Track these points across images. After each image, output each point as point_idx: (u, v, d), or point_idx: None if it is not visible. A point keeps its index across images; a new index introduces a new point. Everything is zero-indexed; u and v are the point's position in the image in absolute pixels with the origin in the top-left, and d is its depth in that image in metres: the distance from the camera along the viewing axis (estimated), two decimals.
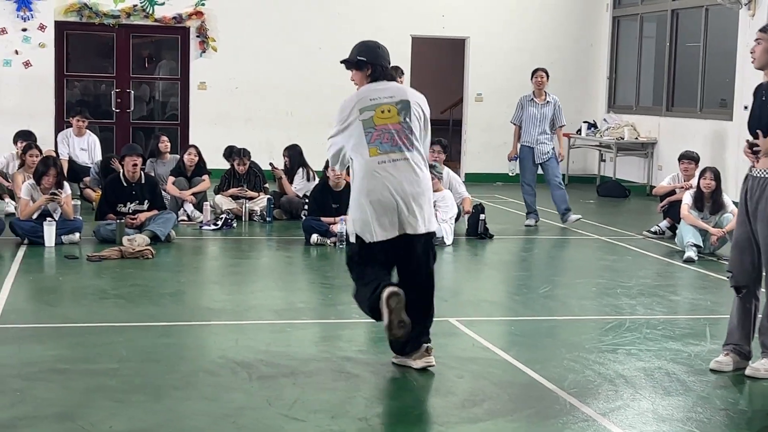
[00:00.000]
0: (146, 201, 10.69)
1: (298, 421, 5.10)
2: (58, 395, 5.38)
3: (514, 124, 12.71)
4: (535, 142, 12.47)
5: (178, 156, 13.00)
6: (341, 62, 6.14)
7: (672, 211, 11.48)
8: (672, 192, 11.70)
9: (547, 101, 12.56)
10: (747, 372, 6.07)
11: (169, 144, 13.18)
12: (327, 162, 10.19)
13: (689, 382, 5.93)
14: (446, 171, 11.57)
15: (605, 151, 17.74)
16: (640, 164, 17.12)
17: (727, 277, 6.28)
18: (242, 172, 12.49)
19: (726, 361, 6.16)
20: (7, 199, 12.22)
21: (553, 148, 12.58)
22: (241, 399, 5.40)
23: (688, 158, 11.83)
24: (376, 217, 5.79)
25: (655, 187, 12.86)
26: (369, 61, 6.01)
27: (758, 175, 5.98)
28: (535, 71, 12.72)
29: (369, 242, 5.82)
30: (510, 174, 12.96)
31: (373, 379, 5.83)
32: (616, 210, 14.85)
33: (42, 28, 16.45)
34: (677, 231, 10.80)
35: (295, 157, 12.62)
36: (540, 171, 12.61)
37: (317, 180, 11.84)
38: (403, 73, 13.21)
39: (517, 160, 12.65)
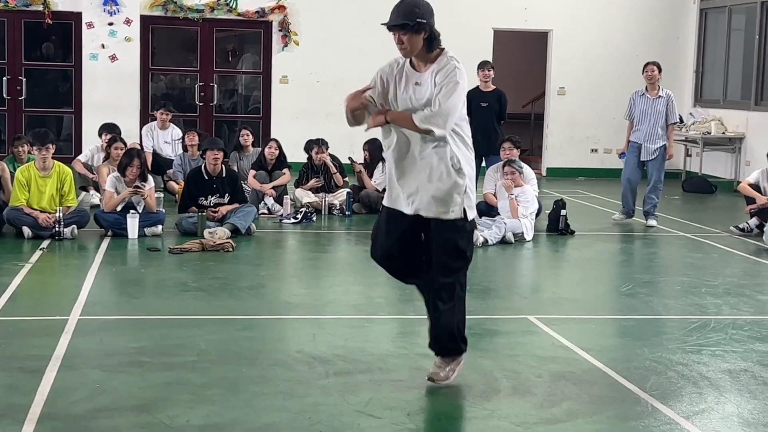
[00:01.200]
0: (227, 194, 10.76)
1: (374, 418, 5.06)
2: (137, 388, 5.43)
3: (627, 120, 12.42)
4: (644, 139, 12.09)
5: (260, 149, 13.07)
6: (388, 26, 5.43)
7: (761, 211, 11.20)
8: (754, 200, 11.36)
9: (660, 96, 12.11)
10: None
11: (250, 138, 13.24)
12: None
13: None
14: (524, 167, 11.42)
15: (691, 146, 17.39)
16: (728, 159, 16.75)
17: None
18: (320, 161, 12.51)
19: None
20: (92, 191, 12.42)
21: (663, 146, 12.08)
22: (317, 395, 5.39)
23: None
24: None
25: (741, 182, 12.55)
26: (428, 22, 5.35)
27: None
28: (645, 65, 12.29)
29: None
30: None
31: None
32: (702, 206, 14.54)
33: (128, 22, 16.68)
34: (765, 228, 10.52)
35: (375, 151, 12.59)
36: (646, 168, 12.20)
37: None
38: (492, 68, 13.13)
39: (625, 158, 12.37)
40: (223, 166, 10.94)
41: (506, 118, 13.14)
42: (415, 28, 5.34)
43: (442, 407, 5.36)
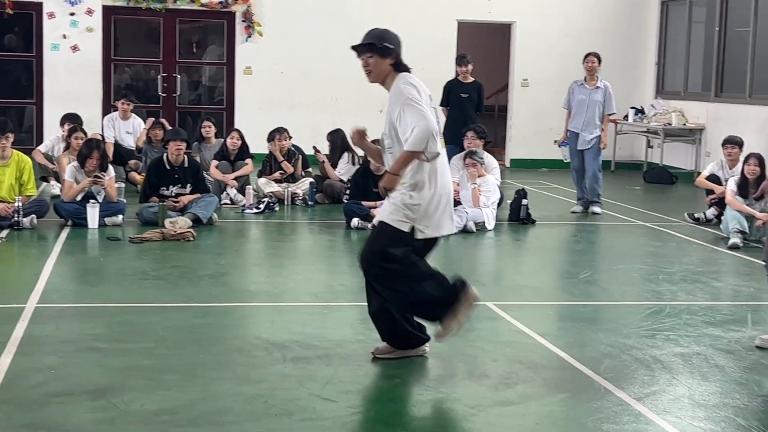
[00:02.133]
0: (189, 184, 10.75)
1: (330, 402, 5.09)
2: (92, 373, 5.43)
3: (566, 109, 12.54)
4: (581, 128, 12.27)
5: (222, 140, 13.04)
6: (354, 48, 5.63)
7: (721, 201, 11.33)
8: (712, 190, 11.49)
9: (598, 87, 12.29)
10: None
11: (212, 129, 13.21)
12: None
13: (727, 368, 5.84)
14: (486, 156, 11.48)
15: (653, 137, 17.53)
16: (688, 150, 16.90)
17: (764, 265, 6.17)
18: (283, 149, 12.52)
19: None
20: (53, 182, 12.34)
21: (598, 137, 12.29)
22: (274, 379, 5.41)
23: (732, 143, 11.64)
24: (448, 211, 5.69)
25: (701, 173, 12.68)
26: (395, 50, 5.61)
27: None
28: (586, 55, 12.45)
29: (424, 238, 5.62)
30: (564, 161, 12.80)
31: (406, 362, 5.79)
32: (663, 196, 14.67)
33: (90, 12, 16.58)
34: (722, 217, 10.65)
35: (337, 141, 12.61)
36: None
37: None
38: (469, 62, 13.21)
39: (567, 147, 12.48)
40: (185, 156, 10.92)
41: (483, 109, 13.34)
42: (381, 51, 5.55)
43: (397, 391, 5.41)
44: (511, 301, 7.54)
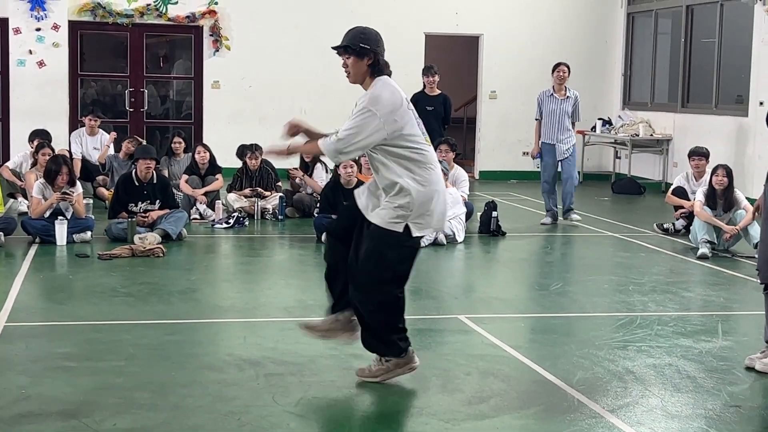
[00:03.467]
0: (158, 200, 10.69)
1: (303, 418, 5.07)
2: (63, 393, 5.37)
3: (537, 120, 12.59)
4: (556, 139, 12.33)
5: (191, 154, 12.99)
6: (335, 48, 5.64)
7: (691, 214, 11.40)
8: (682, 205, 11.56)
9: (567, 96, 12.39)
10: (758, 367, 6.01)
11: (182, 145, 13.19)
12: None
13: (699, 379, 5.87)
14: (455, 169, 11.50)
15: (620, 148, 17.65)
16: (656, 161, 17.02)
17: (757, 274, 6.19)
18: (254, 167, 12.50)
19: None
20: (20, 199, 12.24)
21: (574, 145, 12.41)
22: (247, 396, 5.38)
23: (699, 154, 11.73)
24: (440, 208, 5.56)
25: (670, 184, 12.76)
26: (372, 50, 5.55)
27: None
28: (556, 65, 12.53)
29: (415, 236, 5.53)
30: (537, 169, 12.87)
31: None
32: (631, 207, 14.76)
33: (56, 27, 16.47)
34: (691, 228, 10.72)
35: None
36: (559, 168, 12.46)
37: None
38: (436, 73, 13.22)
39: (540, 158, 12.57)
40: (154, 172, 10.86)
41: (450, 122, 13.38)
42: (357, 51, 5.52)
43: (371, 406, 5.39)
44: (483, 314, 7.55)
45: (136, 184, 10.70)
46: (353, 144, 5.41)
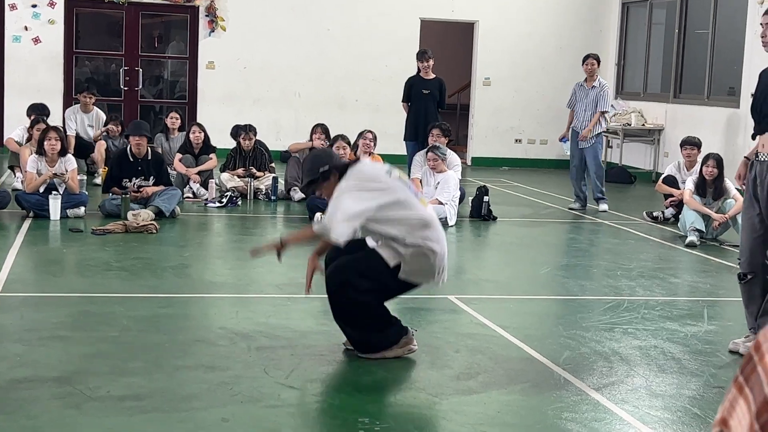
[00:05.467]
0: (152, 177, 10.75)
1: (295, 389, 5.15)
2: (57, 360, 5.45)
3: (569, 109, 12.95)
4: (581, 127, 12.62)
5: (185, 133, 13.03)
6: (302, 190, 5.78)
7: (680, 202, 11.49)
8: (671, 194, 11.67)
9: (594, 86, 12.61)
10: (741, 351, 6.11)
11: (178, 121, 13.23)
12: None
13: (684, 361, 5.97)
14: (449, 153, 11.59)
15: (612, 137, 17.73)
16: (647, 151, 17.12)
17: (738, 263, 6.29)
18: (248, 147, 12.55)
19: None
20: (18, 173, 12.25)
21: (598, 134, 12.62)
22: (239, 368, 5.46)
23: (690, 144, 11.83)
24: (443, 267, 5.81)
25: (661, 174, 12.87)
26: (332, 166, 5.63)
27: (765, 159, 5.99)
28: (585, 57, 12.80)
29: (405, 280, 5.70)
30: (565, 152, 13.18)
31: None
32: (622, 195, 14.85)
33: (51, 4, 16.50)
34: (680, 216, 10.82)
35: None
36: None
37: None
38: (431, 57, 13.27)
39: (568, 143, 12.77)
40: (149, 148, 10.92)
41: (445, 106, 13.45)
42: (322, 177, 5.61)
43: (360, 379, 5.47)
44: (473, 295, 7.64)
45: (131, 159, 10.76)
46: (338, 221, 5.43)
